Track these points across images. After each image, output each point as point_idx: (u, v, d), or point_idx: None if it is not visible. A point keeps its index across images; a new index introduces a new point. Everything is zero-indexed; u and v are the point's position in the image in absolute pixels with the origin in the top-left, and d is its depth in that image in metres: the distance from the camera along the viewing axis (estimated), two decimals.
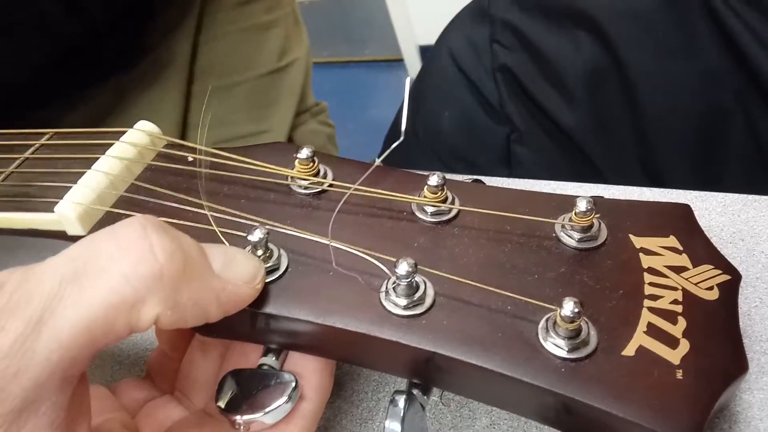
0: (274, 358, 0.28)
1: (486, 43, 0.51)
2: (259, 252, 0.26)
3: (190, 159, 0.32)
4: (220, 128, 0.63)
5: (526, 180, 0.42)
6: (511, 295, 0.25)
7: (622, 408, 0.22)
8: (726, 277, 0.25)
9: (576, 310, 0.23)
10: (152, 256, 0.22)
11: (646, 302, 0.24)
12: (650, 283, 0.25)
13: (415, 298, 0.25)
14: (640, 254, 0.26)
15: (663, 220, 0.27)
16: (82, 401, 0.23)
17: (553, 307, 0.24)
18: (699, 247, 0.26)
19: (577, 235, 0.27)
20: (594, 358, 0.23)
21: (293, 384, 0.26)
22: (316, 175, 0.30)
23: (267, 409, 0.26)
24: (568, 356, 0.23)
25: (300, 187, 0.30)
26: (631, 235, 0.27)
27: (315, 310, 0.26)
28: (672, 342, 0.23)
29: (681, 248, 0.26)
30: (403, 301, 0.25)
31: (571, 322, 0.23)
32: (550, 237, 0.27)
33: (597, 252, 0.26)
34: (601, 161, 0.49)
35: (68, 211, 0.29)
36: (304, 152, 0.30)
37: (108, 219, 0.30)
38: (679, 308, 0.24)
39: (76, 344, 0.21)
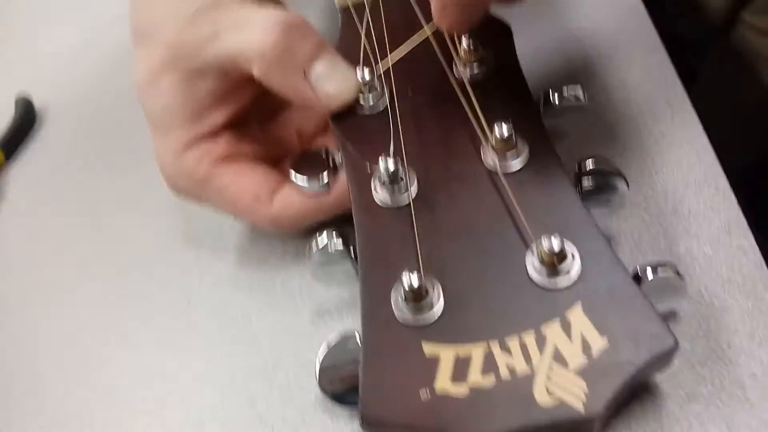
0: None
1: None
2: (366, 88, 0.33)
3: None
4: None
5: None
6: None
7: None
8: None
9: None
10: (264, 40, 0.32)
11: None
12: None
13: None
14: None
15: None
16: (233, 100, 0.36)
17: None
18: None
19: None
20: None
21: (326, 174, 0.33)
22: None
23: (306, 179, 0.33)
24: None
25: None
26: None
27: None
28: None
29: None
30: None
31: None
32: None
33: None
34: None
35: None
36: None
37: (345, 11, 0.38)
38: None
39: (224, 60, 0.33)
